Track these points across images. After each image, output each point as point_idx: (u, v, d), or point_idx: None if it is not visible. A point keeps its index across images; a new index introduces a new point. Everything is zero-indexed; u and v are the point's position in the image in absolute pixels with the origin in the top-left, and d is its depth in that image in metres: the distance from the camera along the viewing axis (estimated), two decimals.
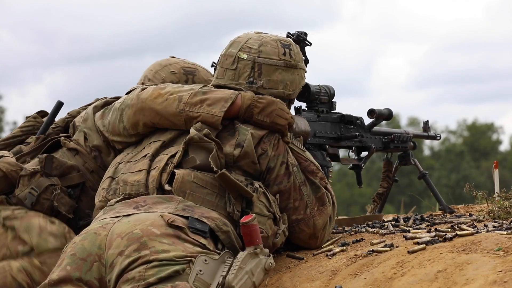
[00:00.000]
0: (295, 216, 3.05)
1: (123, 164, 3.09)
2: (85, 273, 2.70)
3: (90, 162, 3.53)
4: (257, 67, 3.15)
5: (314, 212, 3.07)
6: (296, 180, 3.05)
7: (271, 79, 3.15)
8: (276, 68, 3.16)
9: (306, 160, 3.12)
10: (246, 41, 3.19)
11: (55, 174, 3.44)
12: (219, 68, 3.23)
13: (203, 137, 2.94)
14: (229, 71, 3.18)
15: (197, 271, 2.63)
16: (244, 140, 2.98)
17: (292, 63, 3.19)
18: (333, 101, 3.70)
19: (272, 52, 3.17)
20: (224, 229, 2.81)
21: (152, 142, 3.08)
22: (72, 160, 3.53)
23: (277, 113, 3.05)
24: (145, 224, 2.72)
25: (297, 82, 3.23)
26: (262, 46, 3.17)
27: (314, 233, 3.09)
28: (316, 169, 3.12)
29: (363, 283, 2.66)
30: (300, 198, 3.05)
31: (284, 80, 3.17)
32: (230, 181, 2.87)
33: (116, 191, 3.01)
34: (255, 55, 3.15)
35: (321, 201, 3.09)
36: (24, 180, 3.40)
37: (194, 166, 2.93)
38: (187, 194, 2.87)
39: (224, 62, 3.21)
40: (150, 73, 3.89)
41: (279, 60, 3.16)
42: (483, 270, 2.46)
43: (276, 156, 3.03)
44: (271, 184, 3.03)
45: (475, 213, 3.71)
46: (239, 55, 3.17)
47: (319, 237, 3.11)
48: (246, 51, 3.17)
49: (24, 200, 3.35)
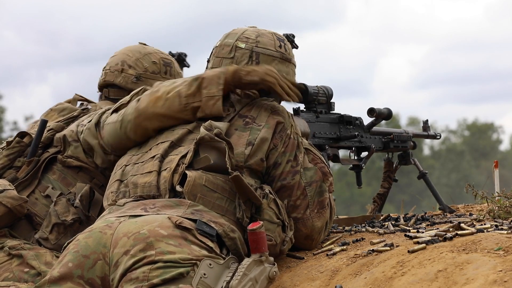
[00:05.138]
0: (294, 214, 3.05)
1: (130, 166, 3.04)
2: (87, 271, 2.68)
3: (98, 177, 3.52)
4: (255, 56, 3.19)
5: (313, 214, 3.07)
6: (301, 180, 3.05)
7: None
8: (273, 58, 3.20)
9: (322, 162, 3.14)
10: (242, 32, 3.25)
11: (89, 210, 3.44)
12: (214, 58, 3.24)
13: (214, 136, 2.90)
14: (226, 59, 3.21)
15: (201, 275, 2.61)
16: (255, 138, 2.98)
17: (287, 57, 3.25)
18: (331, 102, 3.70)
19: (269, 43, 3.22)
20: (231, 236, 2.79)
21: (160, 143, 3.03)
22: (76, 177, 3.51)
23: (265, 71, 3.06)
24: (153, 225, 2.70)
25: (292, 75, 3.27)
26: (259, 37, 3.23)
27: (311, 234, 3.08)
28: (328, 173, 3.13)
29: (363, 283, 2.66)
30: (303, 197, 3.05)
31: (280, 70, 3.20)
32: (243, 185, 2.84)
33: (125, 193, 2.97)
34: (253, 44, 3.20)
35: (322, 205, 3.09)
36: (60, 228, 3.39)
37: (205, 167, 2.90)
38: (197, 198, 2.85)
39: (221, 52, 3.23)
40: (130, 59, 3.89)
41: (275, 52, 3.22)
42: (483, 269, 2.46)
43: (284, 153, 3.03)
44: (276, 180, 3.02)
45: (475, 212, 3.71)
46: (237, 44, 3.21)
47: (315, 239, 3.11)
48: (244, 40, 3.21)
49: (59, 247, 3.32)
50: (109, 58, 3.98)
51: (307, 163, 3.09)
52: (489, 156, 34.12)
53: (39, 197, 3.48)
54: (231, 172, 2.84)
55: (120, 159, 3.17)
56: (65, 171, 3.53)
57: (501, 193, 3.59)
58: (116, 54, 3.97)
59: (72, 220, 3.37)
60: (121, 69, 3.89)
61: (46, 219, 3.40)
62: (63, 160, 3.51)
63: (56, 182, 3.51)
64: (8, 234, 3.40)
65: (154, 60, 3.93)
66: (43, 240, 3.37)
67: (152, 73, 3.91)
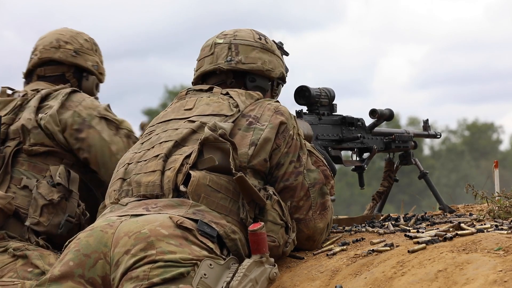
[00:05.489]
0: (297, 215, 3.05)
1: (133, 164, 3.03)
2: (88, 270, 2.68)
3: (67, 157, 3.56)
4: (234, 48, 3.24)
5: (316, 215, 3.08)
6: (305, 181, 3.05)
7: (248, 56, 3.23)
8: (253, 48, 3.24)
9: (324, 165, 3.15)
10: (220, 32, 3.31)
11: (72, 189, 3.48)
12: (197, 62, 3.31)
13: (218, 137, 2.90)
14: (207, 57, 3.27)
15: (201, 275, 2.61)
16: (259, 138, 2.97)
17: (268, 47, 3.28)
18: (333, 104, 3.71)
19: (247, 36, 3.27)
20: (232, 237, 2.78)
21: (163, 141, 3.03)
22: (46, 162, 3.53)
23: None
24: (154, 224, 2.70)
25: (276, 63, 3.30)
26: (237, 32, 3.29)
27: (313, 235, 3.09)
28: (330, 176, 3.15)
29: (363, 283, 2.66)
30: (306, 198, 3.06)
31: (262, 58, 3.24)
32: (247, 185, 2.84)
33: (128, 192, 2.97)
34: (231, 38, 3.26)
35: (324, 206, 3.10)
36: (49, 208, 3.41)
37: (209, 167, 2.90)
38: (201, 198, 2.84)
39: (202, 54, 3.31)
40: (64, 37, 3.99)
41: (255, 42, 3.26)
42: (483, 269, 2.46)
43: (287, 154, 3.03)
44: (278, 180, 3.03)
45: (475, 212, 3.71)
46: (215, 41, 3.27)
47: (316, 240, 3.11)
48: (221, 37, 3.27)
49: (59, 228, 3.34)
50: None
51: (310, 165, 3.10)
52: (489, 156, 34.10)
53: (16, 190, 3.51)
54: (235, 173, 2.83)
55: (122, 156, 3.17)
56: (34, 159, 3.57)
57: (501, 193, 3.59)
58: (45, 36, 4.05)
59: (58, 197, 3.41)
60: (58, 45, 3.98)
61: (32, 205, 3.43)
62: (29, 149, 3.54)
63: (28, 172, 3.55)
64: (6, 236, 3.41)
65: (85, 38, 4.07)
66: (35, 226, 3.40)
67: (87, 49, 4.04)
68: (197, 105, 3.12)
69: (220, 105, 3.08)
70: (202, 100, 3.14)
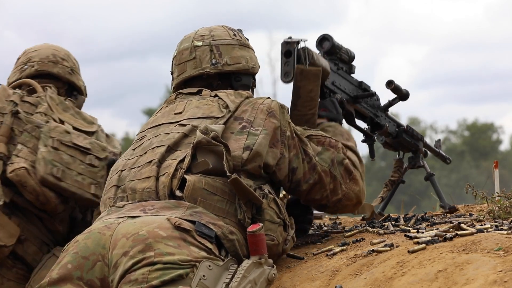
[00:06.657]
0: (335, 197, 3.13)
1: (126, 171, 3.00)
2: (86, 272, 2.67)
3: None
4: (215, 49, 3.22)
5: (348, 185, 3.16)
6: (323, 167, 3.10)
7: (232, 56, 3.22)
8: (233, 46, 3.24)
9: (326, 137, 3.17)
10: (195, 33, 3.29)
11: None
12: (177, 66, 3.26)
13: (211, 140, 2.88)
14: (189, 62, 3.23)
15: (200, 276, 2.60)
16: (254, 143, 2.95)
17: (244, 42, 3.29)
18: (352, 65, 3.67)
19: (223, 34, 3.27)
20: (229, 238, 2.78)
21: (156, 147, 3.00)
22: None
23: None
24: (152, 226, 2.69)
25: (254, 58, 3.31)
26: (213, 31, 3.27)
27: (358, 201, 3.21)
28: (334, 141, 3.17)
29: (363, 283, 2.66)
30: (334, 179, 3.12)
31: (244, 55, 3.25)
32: (242, 187, 2.83)
33: (123, 199, 2.94)
34: (210, 39, 3.24)
35: (349, 171, 3.17)
36: None
37: (203, 170, 2.88)
38: (198, 202, 2.83)
39: (181, 58, 3.25)
40: (60, 53, 4.04)
41: (232, 40, 3.26)
42: (483, 269, 2.46)
43: (296, 155, 3.04)
44: (301, 183, 3.06)
45: (475, 213, 3.71)
46: (195, 44, 3.24)
47: (363, 199, 3.23)
48: (199, 39, 3.25)
49: None
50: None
51: (317, 148, 3.12)
52: (489, 156, 34.09)
53: None
54: (229, 175, 2.82)
55: (115, 163, 3.14)
56: None
57: (501, 193, 3.58)
58: (38, 49, 4.05)
59: None
60: (56, 60, 3.99)
61: None
62: None
63: None
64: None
65: (75, 59, 4.12)
66: None
67: (77, 69, 4.10)
68: (187, 108, 3.10)
69: (210, 107, 3.06)
70: (191, 103, 3.11)
